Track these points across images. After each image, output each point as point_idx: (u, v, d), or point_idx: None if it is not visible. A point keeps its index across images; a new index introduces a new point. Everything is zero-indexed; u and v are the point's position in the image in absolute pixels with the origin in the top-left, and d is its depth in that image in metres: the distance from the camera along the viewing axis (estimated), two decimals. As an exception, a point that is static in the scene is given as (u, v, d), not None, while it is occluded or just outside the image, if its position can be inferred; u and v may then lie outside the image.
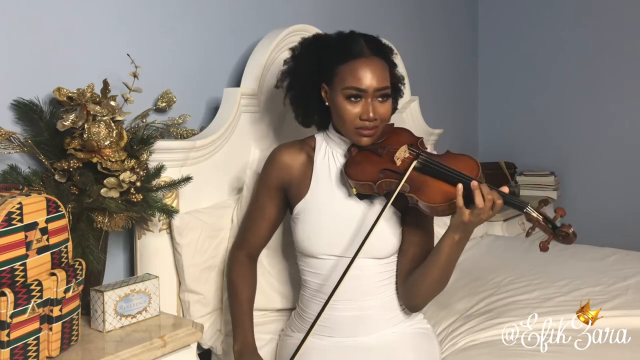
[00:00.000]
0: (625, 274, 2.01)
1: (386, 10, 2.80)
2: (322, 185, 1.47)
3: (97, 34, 1.63)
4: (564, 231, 1.24)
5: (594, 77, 3.29)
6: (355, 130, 1.40)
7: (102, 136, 1.37)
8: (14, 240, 1.09)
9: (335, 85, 1.40)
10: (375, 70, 1.37)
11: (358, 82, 1.36)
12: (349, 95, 1.37)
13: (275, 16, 2.18)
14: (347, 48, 1.40)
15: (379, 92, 1.38)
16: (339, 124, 1.44)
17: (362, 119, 1.38)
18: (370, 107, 1.37)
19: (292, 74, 1.52)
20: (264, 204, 1.53)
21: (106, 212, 1.39)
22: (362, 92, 1.37)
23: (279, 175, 1.50)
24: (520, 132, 3.53)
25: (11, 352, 1.09)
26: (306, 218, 1.45)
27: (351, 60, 1.38)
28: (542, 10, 3.45)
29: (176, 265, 1.64)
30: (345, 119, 1.39)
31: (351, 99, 1.37)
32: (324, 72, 1.43)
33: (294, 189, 1.49)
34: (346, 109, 1.38)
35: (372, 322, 1.44)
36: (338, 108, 1.40)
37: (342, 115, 1.39)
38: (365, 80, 1.36)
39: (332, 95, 1.41)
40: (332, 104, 1.43)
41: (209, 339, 1.67)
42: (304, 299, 1.51)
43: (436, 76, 3.19)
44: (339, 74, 1.39)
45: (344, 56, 1.39)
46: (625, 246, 2.47)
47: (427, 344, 1.46)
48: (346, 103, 1.38)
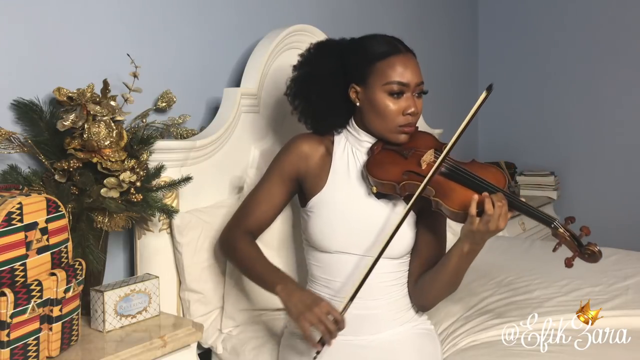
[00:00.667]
0: (625, 274, 2.01)
1: (386, 10, 2.80)
2: (340, 181, 1.46)
3: (97, 34, 1.63)
4: (590, 249, 1.26)
5: (594, 77, 3.29)
6: (398, 127, 1.40)
7: (102, 136, 1.37)
8: (14, 240, 1.09)
9: (373, 83, 1.39)
10: (414, 66, 1.40)
11: (401, 77, 1.37)
12: (391, 91, 1.37)
13: (275, 16, 2.18)
14: (382, 45, 1.40)
15: (418, 88, 1.40)
16: (378, 123, 1.42)
17: (405, 114, 1.38)
18: (413, 101, 1.38)
19: (309, 78, 1.49)
20: (273, 188, 1.51)
21: (106, 212, 1.39)
22: (405, 86, 1.37)
23: (297, 163, 1.48)
24: (520, 132, 3.53)
25: (11, 352, 1.09)
26: (321, 212, 1.44)
27: (390, 56, 1.38)
28: (542, 10, 3.45)
29: (176, 264, 1.64)
30: (388, 116, 1.39)
31: (393, 95, 1.38)
32: (355, 72, 1.42)
33: (310, 181, 1.48)
34: (388, 105, 1.38)
35: (378, 321, 1.44)
36: (378, 105, 1.39)
37: (384, 111, 1.39)
38: (407, 75, 1.37)
39: (368, 94, 1.40)
40: (367, 103, 1.42)
41: (209, 338, 1.67)
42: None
43: (436, 76, 3.19)
44: (376, 71, 1.38)
45: (380, 54, 1.39)
46: (625, 246, 2.47)
47: (431, 345, 1.46)
48: (388, 99, 1.38)
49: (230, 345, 1.64)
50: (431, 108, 2.80)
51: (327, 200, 1.45)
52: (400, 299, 1.47)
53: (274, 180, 1.51)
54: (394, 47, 1.41)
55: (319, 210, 1.45)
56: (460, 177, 1.34)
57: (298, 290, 1.34)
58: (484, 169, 1.38)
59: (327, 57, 1.49)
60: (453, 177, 1.35)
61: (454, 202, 1.31)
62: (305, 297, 1.31)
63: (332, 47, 1.51)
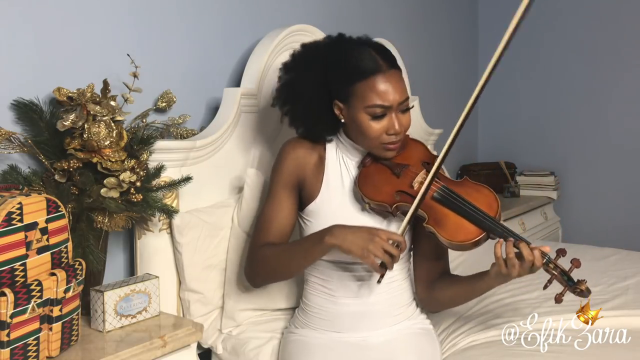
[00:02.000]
0: (625, 274, 2.01)
1: (386, 10, 2.80)
2: (334, 192, 1.45)
3: (97, 34, 1.63)
4: (579, 288, 1.26)
5: (594, 77, 3.29)
6: (382, 145, 1.38)
7: (102, 136, 1.37)
8: (14, 240, 1.09)
9: (355, 104, 1.36)
10: (397, 84, 1.34)
11: (382, 99, 1.32)
12: (374, 114, 1.34)
13: (275, 16, 2.17)
14: (362, 64, 1.35)
15: (402, 106, 1.36)
16: (361, 140, 1.41)
17: (389, 134, 1.36)
18: (396, 121, 1.35)
19: (294, 91, 1.47)
20: (282, 201, 1.48)
21: (106, 212, 1.39)
22: (387, 108, 1.34)
23: (295, 170, 1.47)
24: (520, 132, 3.52)
25: (11, 352, 1.09)
26: (318, 223, 1.43)
27: (370, 76, 1.33)
28: (541, 10, 3.45)
29: (176, 264, 1.64)
30: (371, 136, 1.36)
31: (376, 118, 1.34)
32: (337, 90, 1.40)
33: (307, 187, 1.48)
34: (371, 126, 1.35)
35: (377, 318, 1.44)
36: (361, 126, 1.36)
37: (367, 132, 1.36)
38: (389, 96, 1.33)
39: (351, 113, 1.38)
40: (350, 121, 1.40)
41: (209, 338, 1.67)
42: (307, 294, 1.52)
43: (436, 76, 3.19)
44: (356, 93, 1.35)
45: (360, 73, 1.34)
46: (625, 246, 2.48)
47: (429, 345, 1.47)
48: (370, 121, 1.35)
49: (230, 345, 1.64)
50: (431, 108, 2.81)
51: (322, 210, 1.44)
52: (399, 294, 1.48)
53: (280, 192, 1.48)
54: (375, 65, 1.34)
55: (315, 220, 1.45)
56: (452, 204, 1.33)
57: (347, 229, 1.30)
58: (477, 191, 1.37)
59: (311, 69, 1.44)
60: (447, 205, 1.34)
61: (449, 233, 1.31)
62: (358, 231, 1.29)
63: (317, 56, 1.46)
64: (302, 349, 1.46)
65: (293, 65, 1.49)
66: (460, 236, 1.30)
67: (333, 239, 1.30)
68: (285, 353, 1.50)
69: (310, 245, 1.36)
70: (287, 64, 1.50)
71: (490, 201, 1.35)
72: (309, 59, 1.47)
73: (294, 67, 1.48)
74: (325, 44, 1.49)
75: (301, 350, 1.46)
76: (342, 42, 1.45)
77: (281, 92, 1.51)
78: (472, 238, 1.30)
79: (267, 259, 1.44)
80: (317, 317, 1.49)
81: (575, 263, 1.28)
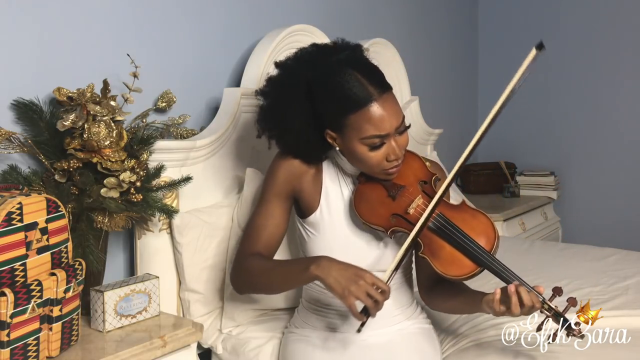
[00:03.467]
0: (625, 274, 2.01)
1: (386, 10, 2.80)
2: (334, 205, 1.43)
3: (97, 34, 1.63)
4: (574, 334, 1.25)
5: (594, 78, 3.29)
6: (383, 171, 1.32)
7: (102, 136, 1.37)
8: (14, 240, 1.09)
9: (349, 135, 1.29)
10: (391, 108, 1.27)
11: (379, 129, 1.25)
12: (371, 144, 1.27)
13: (275, 16, 2.17)
14: (352, 95, 1.26)
15: (399, 129, 1.29)
16: (361, 167, 1.36)
17: (389, 160, 1.30)
18: (395, 145, 1.29)
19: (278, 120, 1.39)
20: (273, 210, 1.43)
21: (106, 212, 1.39)
22: (385, 137, 1.27)
23: (291, 181, 1.43)
24: (520, 132, 3.52)
25: (11, 352, 1.09)
26: (319, 236, 1.42)
27: (363, 107, 1.25)
28: (542, 10, 3.45)
29: (176, 264, 1.64)
30: (372, 165, 1.31)
31: (374, 148, 1.28)
32: (329, 121, 1.32)
33: (305, 197, 1.44)
34: (370, 156, 1.29)
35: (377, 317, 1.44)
36: (359, 157, 1.30)
37: (367, 162, 1.31)
38: (385, 125, 1.25)
39: (346, 143, 1.31)
40: (346, 150, 1.33)
41: (209, 338, 1.67)
42: (307, 294, 1.52)
43: (436, 76, 3.19)
44: (350, 124, 1.27)
45: (352, 105, 1.26)
46: (625, 246, 2.47)
47: (429, 345, 1.47)
48: (369, 151, 1.28)
49: (230, 346, 1.64)
50: (431, 108, 2.81)
51: (323, 224, 1.42)
52: (400, 295, 1.48)
53: (272, 200, 1.44)
54: (366, 94, 1.25)
55: (316, 232, 1.43)
56: (449, 236, 1.30)
57: (334, 264, 1.24)
58: (474, 218, 1.33)
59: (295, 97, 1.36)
60: (442, 236, 1.31)
61: (444, 266, 1.29)
62: (344, 269, 1.23)
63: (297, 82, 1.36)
64: (302, 349, 1.46)
65: (272, 92, 1.42)
66: (454, 270, 1.28)
67: (318, 271, 1.24)
68: (286, 353, 1.50)
69: (295, 271, 1.31)
70: (264, 90, 1.43)
71: (487, 231, 1.31)
72: (290, 84, 1.38)
73: (274, 93, 1.42)
74: (302, 64, 1.39)
75: (302, 350, 1.46)
76: (322, 63, 1.34)
77: (264, 121, 1.44)
78: (467, 273, 1.28)
79: (252, 272, 1.39)
80: (315, 317, 1.49)
81: (572, 302, 1.27)
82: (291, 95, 1.36)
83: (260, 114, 1.46)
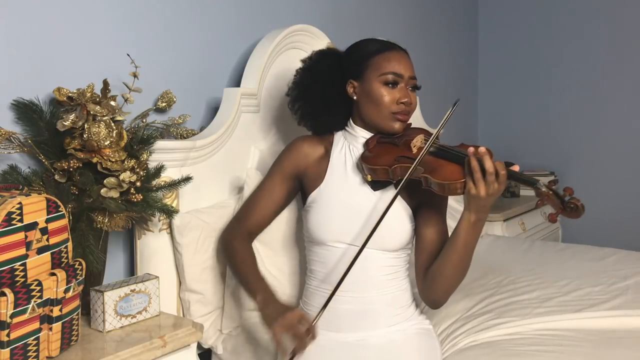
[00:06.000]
0: (625, 274, 2.01)
1: (386, 10, 2.80)
2: (337, 176, 1.51)
3: (97, 34, 1.63)
4: (573, 203, 1.26)
5: (594, 77, 3.29)
6: (392, 114, 1.47)
7: (102, 136, 1.37)
8: (14, 240, 1.09)
9: (369, 75, 1.47)
10: (408, 61, 1.50)
11: (397, 68, 1.46)
12: (387, 81, 1.45)
13: (275, 16, 2.18)
14: (378, 43, 1.52)
15: (412, 81, 1.49)
16: (372, 111, 1.49)
17: (399, 103, 1.46)
18: (407, 92, 1.47)
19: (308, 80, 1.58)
20: (274, 186, 1.58)
21: (106, 212, 1.39)
22: (399, 77, 1.46)
23: (296, 162, 1.56)
24: (520, 132, 3.53)
25: (11, 352, 1.09)
26: (318, 206, 1.49)
27: (386, 51, 1.49)
28: (541, 10, 3.45)
29: (176, 264, 1.64)
30: (383, 104, 1.46)
31: (389, 85, 1.46)
32: (352, 68, 1.51)
33: (309, 178, 1.54)
34: (383, 94, 1.46)
35: (376, 317, 1.44)
36: (374, 95, 1.47)
37: (379, 100, 1.46)
38: (402, 67, 1.47)
39: (365, 86, 1.48)
40: (363, 95, 1.49)
41: (209, 338, 1.67)
42: (308, 292, 1.52)
43: (436, 76, 3.19)
44: (372, 65, 1.47)
45: (376, 49, 1.49)
46: (625, 246, 2.47)
47: (429, 345, 1.47)
48: (383, 89, 1.46)
49: (231, 346, 1.64)
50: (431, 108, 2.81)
51: (323, 194, 1.50)
52: (399, 294, 1.48)
53: (275, 179, 1.58)
54: (388, 45, 1.51)
55: (316, 204, 1.49)
56: (448, 153, 1.38)
57: (275, 301, 1.39)
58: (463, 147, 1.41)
59: (326, 58, 1.59)
60: (441, 155, 1.39)
61: (443, 176, 1.34)
62: (280, 306, 1.36)
63: (332, 52, 1.63)
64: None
65: (309, 63, 1.61)
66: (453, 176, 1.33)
67: (260, 301, 1.41)
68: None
69: (252, 286, 1.46)
70: (303, 63, 1.62)
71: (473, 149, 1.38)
72: (325, 54, 1.62)
73: (310, 64, 1.60)
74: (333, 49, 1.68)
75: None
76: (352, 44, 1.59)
77: (295, 88, 1.60)
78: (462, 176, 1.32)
79: (232, 257, 1.56)
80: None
81: (569, 190, 1.29)
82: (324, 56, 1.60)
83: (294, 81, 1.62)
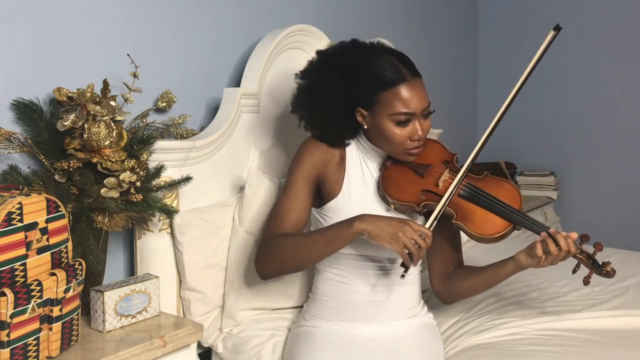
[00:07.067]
0: (625, 274, 2.01)
1: (387, 10, 2.80)
2: (356, 191, 1.47)
3: (97, 34, 1.63)
4: (605, 269, 1.34)
5: (594, 77, 3.29)
6: (405, 151, 1.42)
7: (102, 136, 1.37)
8: (14, 240, 1.09)
9: (379, 111, 1.39)
10: (420, 92, 1.39)
11: (407, 107, 1.37)
12: (398, 121, 1.38)
13: (275, 16, 2.17)
14: (386, 74, 1.38)
15: (424, 111, 1.41)
16: (383, 146, 1.45)
17: (412, 140, 1.40)
18: (419, 127, 1.40)
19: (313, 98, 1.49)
20: (301, 191, 1.47)
21: (106, 212, 1.39)
22: (411, 115, 1.38)
23: (317, 165, 1.49)
24: (520, 132, 3.52)
25: (11, 352, 1.09)
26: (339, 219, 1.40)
27: (395, 86, 1.37)
28: (542, 10, 3.45)
29: (177, 263, 1.64)
30: (394, 142, 1.41)
31: (400, 124, 1.39)
32: (360, 98, 1.42)
33: (328, 183, 1.49)
34: (395, 133, 1.39)
35: (390, 310, 1.47)
36: (385, 133, 1.40)
37: (391, 139, 1.40)
38: (413, 104, 1.37)
39: (375, 120, 1.41)
40: (373, 128, 1.43)
41: (209, 337, 1.67)
42: (319, 284, 1.53)
43: (436, 76, 3.18)
44: (381, 101, 1.38)
45: (385, 83, 1.38)
46: (625, 246, 2.47)
47: (433, 341, 1.50)
48: (395, 128, 1.39)
49: (231, 344, 1.64)
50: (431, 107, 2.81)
51: (343, 209, 1.45)
52: (413, 289, 1.52)
53: (299, 182, 1.48)
54: (399, 74, 1.38)
55: (337, 216, 1.44)
56: (479, 200, 1.39)
57: (378, 216, 1.32)
58: (499, 186, 1.43)
59: (331, 77, 1.47)
60: (472, 200, 1.39)
61: (478, 228, 1.36)
62: (389, 219, 1.31)
63: (335, 64, 1.47)
64: (308, 340, 1.47)
65: (311, 73, 1.52)
66: (488, 230, 1.36)
67: (364, 224, 1.30)
68: (292, 345, 1.51)
69: (336, 232, 1.35)
70: (304, 71, 1.53)
71: (513, 194, 1.42)
72: (328, 66, 1.49)
73: (312, 74, 1.51)
74: (342, 50, 1.51)
75: (308, 341, 1.47)
76: (360, 49, 1.48)
77: (299, 98, 1.53)
78: (501, 230, 1.36)
79: (285, 246, 1.41)
80: (327, 306, 1.50)
81: (598, 247, 1.36)
82: (328, 76, 1.47)
83: (296, 94, 1.54)
